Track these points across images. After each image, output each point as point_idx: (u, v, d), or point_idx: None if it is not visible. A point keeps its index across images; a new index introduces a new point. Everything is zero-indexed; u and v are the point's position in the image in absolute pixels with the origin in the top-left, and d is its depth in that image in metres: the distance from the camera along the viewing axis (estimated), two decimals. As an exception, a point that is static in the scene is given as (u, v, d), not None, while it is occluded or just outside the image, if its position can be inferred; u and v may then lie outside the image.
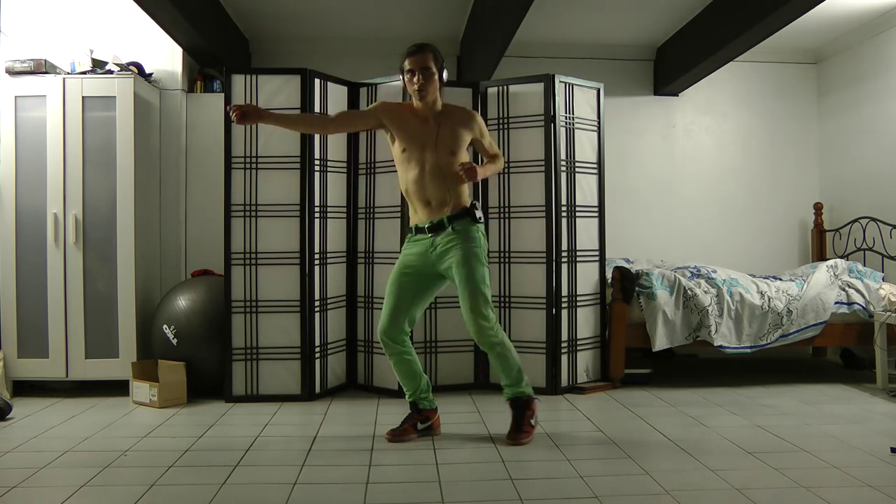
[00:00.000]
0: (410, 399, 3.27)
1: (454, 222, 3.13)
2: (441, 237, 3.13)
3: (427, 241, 3.16)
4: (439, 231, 3.13)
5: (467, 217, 3.14)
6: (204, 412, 3.68)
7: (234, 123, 3.06)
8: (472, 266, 3.09)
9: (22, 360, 4.00)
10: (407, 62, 3.15)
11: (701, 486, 2.55)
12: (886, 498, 2.42)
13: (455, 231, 3.12)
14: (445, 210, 3.14)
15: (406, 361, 3.23)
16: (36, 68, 4.03)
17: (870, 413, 3.62)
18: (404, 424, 3.21)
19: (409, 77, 3.14)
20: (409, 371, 3.24)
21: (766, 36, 4.39)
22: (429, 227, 3.15)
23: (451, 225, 3.12)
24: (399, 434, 3.16)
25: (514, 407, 3.18)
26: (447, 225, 3.12)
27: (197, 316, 3.95)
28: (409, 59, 3.14)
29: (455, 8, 4.81)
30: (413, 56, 3.13)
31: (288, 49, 5.32)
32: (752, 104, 5.72)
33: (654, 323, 4.21)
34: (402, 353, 3.22)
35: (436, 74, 3.15)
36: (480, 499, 2.46)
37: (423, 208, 3.18)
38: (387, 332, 3.19)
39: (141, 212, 4.16)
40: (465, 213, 3.15)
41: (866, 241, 5.05)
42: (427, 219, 3.17)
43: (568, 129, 4.18)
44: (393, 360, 3.22)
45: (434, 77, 3.14)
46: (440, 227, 3.13)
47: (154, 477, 2.65)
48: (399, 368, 3.24)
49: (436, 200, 3.15)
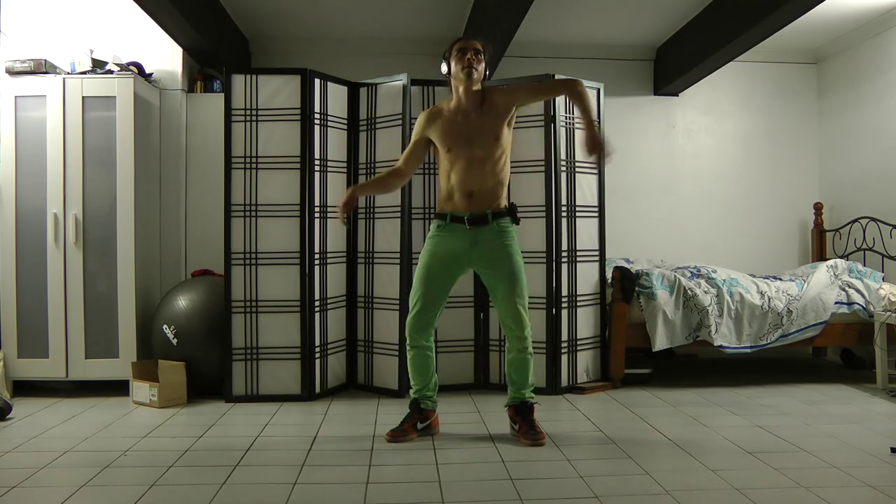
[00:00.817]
0: (415, 395, 3.24)
1: (498, 219, 3.12)
2: (484, 233, 3.11)
3: (466, 234, 3.12)
4: (481, 225, 3.11)
5: (509, 216, 3.15)
6: (204, 412, 3.68)
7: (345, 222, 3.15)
8: (520, 273, 3.12)
9: (22, 360, 4.00)
10: (458, 44, 3.16)
11: (701, 486, 2.55)
12: (886, 498, 2.42)
13: (500, 228, 3.12)
14: (488, 203, 3.11)
15: (425, 357, 3.22)
16: (36, 68, 4.03)
17: (870, 413, 3.62)
18: (404, 424, 3.20)
19: (460, 56, 3.12)
20: (423, 367, 3.23)
21: (766, 36, 4.40)
22: (469, 219, 3.11)
23: (496, 221, 3.12)
24: (399, 434, 3.15)
25: (522, 411, 3.16)
26: (490, 220, 3.11)
27: (197, 316, 3.95)
28: (460, 41, 3.17)
29: (455, 8, 4.82)
30: (465, 40, 3.18)
31: (288, 49, 5.32)
32: (752, 104, 5.72)
33: (654, 323, 4.21)
34: (425, 348, 3.21)
35: (483, 61, 3.16)
36: (480, 499, 2.46)
37: (463, 199, 3.12)
38: (416, 326, 3.17)
39: (141, 212, 4.16)
40: (507, 212, 3.16)
41: (866, 241, 5.05)
42: (467, 210, 3.12)
43: (568, 129, 4.18)
44: (412, 352, 3.20)
45: (483, 61, 3.15)
46: (482, 221, 3.11)
47: (154, 477, 2.65)
48: (415, 363, 3.22)
49: (479, 192, 3.11)
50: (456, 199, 3.13)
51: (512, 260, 3.12)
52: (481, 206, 3.11)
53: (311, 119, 3.97)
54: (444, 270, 3.17)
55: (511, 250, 3.13)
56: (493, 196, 3.13)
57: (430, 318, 3.18)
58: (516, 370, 3.18)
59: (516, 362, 3.18)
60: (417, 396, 3.24)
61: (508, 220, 3.16)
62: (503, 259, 3.12)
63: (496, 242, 3.12)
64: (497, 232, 3.12)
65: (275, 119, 3.95)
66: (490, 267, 3.14)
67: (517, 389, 3.19)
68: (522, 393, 3.18)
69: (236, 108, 3.97)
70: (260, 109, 3.97)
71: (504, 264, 3.12)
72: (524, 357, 3.16)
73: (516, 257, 3.14)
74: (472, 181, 3.11)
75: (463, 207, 3.12)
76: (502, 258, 3.12)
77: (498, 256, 3.12)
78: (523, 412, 3.15)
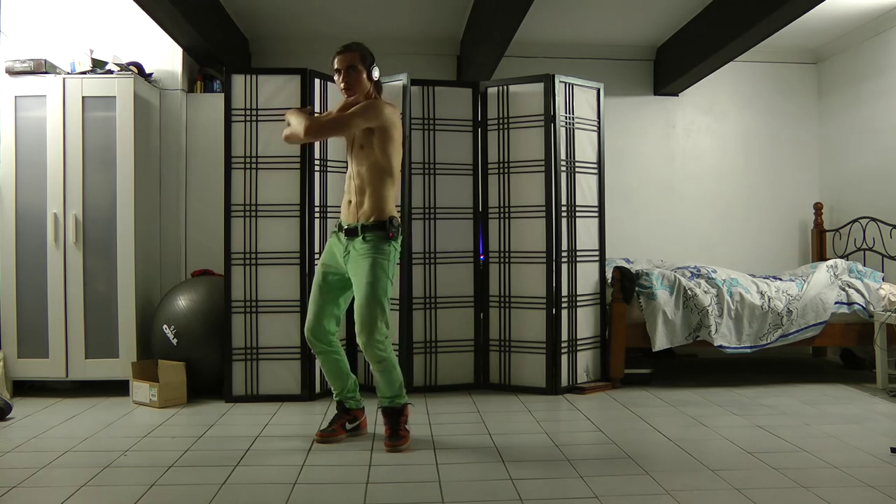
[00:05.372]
0: (337, 398, 3.25)
1: (367, 232, 3.07)
2: (355, 243, 3.09)
3: (344, 243, 3.13)
4: (353, 237, 3.10)
5: (381, 231, 3.06)
6: (204, 412, 3.68)
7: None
8: (376, 276, 3.02)
9: (22, 360, 4.00)
10: (335, 62, 3.14)
11: (701, 486, 2.55)
12: (886, 498, 2.42)
13: (366, 241, 3.06)
14: (361, 215, 3.09)
15: (333, 360, 3.21)
16: (36, 68, 4.03)
17: (870, 413, 3.62)
18: (333, 425, 3.20)
19: (337, 76, 3.14)
20: (336, 370, 3.23)
21: (765, 36, 4.40)
22: (346, 231, 3.12)
23: (364, 234, 3.07)
24: (328, 435, 3.15)
25: (389, 415, 3.12)
26: (359, 233, 3.07)
27: (197, 316, 3.95)
28: (336, 59, 3.14)
29: (455, 8, 4.82)
30: (339, 56, 3.13)
31: (288, 49, 5.32)
32: (753, 104, 5.72)
33: (654, 323, 4.21)
34: (330, 352, 3.20)
35: (363, 73, 3.14)
36: (480, 499, 2.46)
37: (346, 207, 3.17)
38: (312, 331, 3.17)
39: (141, 212, 4.16)
40: (379, 227, 3.06)
41: (866, 241, 5.05)
42: (346, 220, 3.16)
43: (568, 129, 4.18)
44: (320, 358, 3.21)
45: (361, 76, 3.13)
46: (353, 233, 3.09)
47: (154, 477, 2.65)
48: (326, 367, 3.22)
49: (355, 201, 3.13)
50: (342, 210, 3.19)
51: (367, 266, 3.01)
52: (356, 218, 3.11)
53: (311, 119, 3.96)
54: (332, 277, 3.18)
55: (369, 258, 3.03)
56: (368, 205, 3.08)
57: (323, 324, 3.16)
58: (381, 381, 3.11)
59: (376, 374, 3.11)
60: (340, 399, 3.25)
61: (379, 234, 3.05)
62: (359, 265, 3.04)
63: (361, 253, 3.05)
64: (363, 244, 3.05)
65: (275, 119, 3.94)
66: (351, 271, 3.10)
67: (385, 396, 3.14)
68: (391, 399, 3.13)
69: (236, 108, 3.97)
70: (260, 109, 3.97)
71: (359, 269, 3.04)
72: (380, 368, 3.06)
73: (371, 265, 3.01)
74: (350, 190, 3.15)
75: (344, 217, 3.17)
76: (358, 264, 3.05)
77: (356, 263, 3.06)
78: (391, 415, 3.11)
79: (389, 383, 3.11)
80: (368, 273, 3.02)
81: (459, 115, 4.25)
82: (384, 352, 3.05)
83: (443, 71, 5.42)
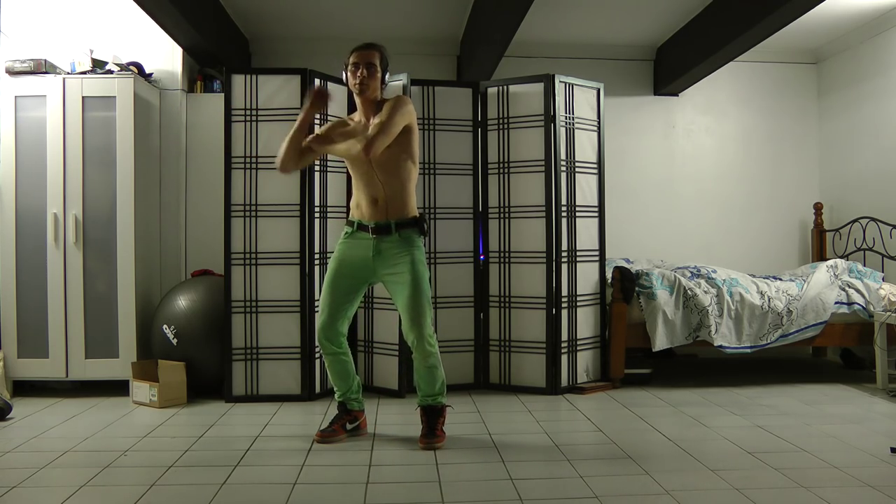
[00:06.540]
0: (340, 399, 3.25)
1: (401, 229, 3.08)
2: (386, 242, 3.08)
3: (370, 243, 3.10)
4: (384, 235, 3.08)
5: (415, 227, 3.09)
6: (204, 412, 3.68)
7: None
8: (422, 281, 3.04)
9: (22, 360, 4.00)
10: (353, 56, 3.11)
11: (701, 486, 2.55)
12: (886, 498, 2.42)
13: (402, 238, 3.07)
14: (393, 212, 3.08)
15: (342, 362, 3.21)
16: (36, 68, 4.03)
17: (870, 413, 3.62)
18: (333, 425, 3.20)
19: (353, 70, 3.10)
20: (343, 371, 3.22)
21: (765, 36, 4.40)
22: (373, 228, 3.10)
23: (399, 231, 3.07)
24: (329, 434, 3.15)
25: (429, 413, 3.13)
26: (394, 231, 3.07)
27: (197, 316, 3.95)
28: (354, 54, 3.12)
29: (455, 8, 4.81)
30: (359, 51, 3.11)
31: (288, 49, 5.32)
32: (752, 104, 5.72)
33: (654, 323, 4.21)
34: (339, 353, 3.19)
35: (379, 73, 3.12)
36: (480, 499, 2.46)
37: (368, 206, 3.11)
38: (325, 334, 3.15)
39: (141, 212, 4.16)
40: (413, 223, 3.10)
41: (866, 241, 5.05)
42: (372, 218, 3.11)
43: (568, 129, 4.18)
44: (329, 359, 3.20)
45: (377, 75, 3.11)
46: (385, 230, 3.08)
47: (154, 477, 2.65)
48: (333, 368, 3.21)
49: (382, 197, 3.09)
50: (363, 208, 3.13)
51: (412, 271, 3.03)
52: (386, 215, 3.09)
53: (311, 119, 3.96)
54: (347, 279, 3.14)
55: (412, 261, 3.05)
56: (397, 202, 3.08)
57: (337, 326, 3.15)
58: (425, 379, 3.13)
59: (420, 372, 3.12)
60: (342, 400, 3.25)
61: (414, 230, 3.10)
62: (403, 269, 3.04)
63: (398, 252, 3.06)
64: (398, 242, 3.06)
65: (275, 119, 3.94)
66: (391, 274, 3.09)
67: (426, 395, 3.15)
68: (432, 397, 3.14)
69: (236, 108, 3.97)
70: (260, 109, 3.97)
71: (403, 273, 3.04)
72: (427, 366, 3.08)
73: (417, 270, 3.04)
74: (374, 187, 3.09)
75: (369, 215, 3.12)
76: (401, 268, 3.05)
77: (397, 265, 3.06)
78: (430, 414, 3.13)
79: (433, 381, 3.12)
80: (411, 270, 3.03)
81: (459, 115, 4.26)
82: (433, 347, 3.07)
83: (443, 71, 5.42)
